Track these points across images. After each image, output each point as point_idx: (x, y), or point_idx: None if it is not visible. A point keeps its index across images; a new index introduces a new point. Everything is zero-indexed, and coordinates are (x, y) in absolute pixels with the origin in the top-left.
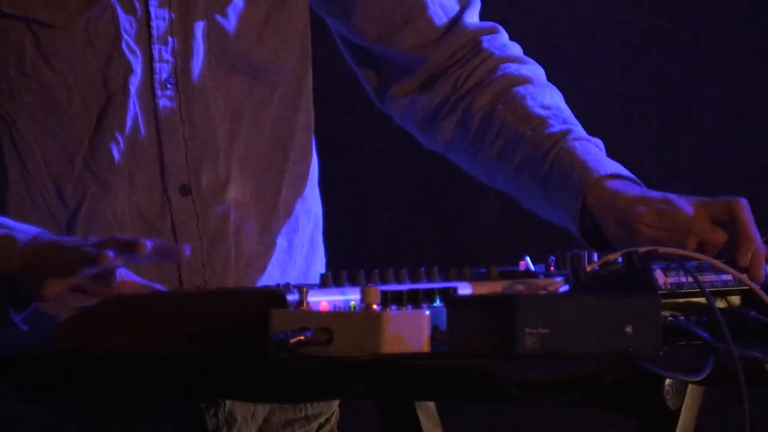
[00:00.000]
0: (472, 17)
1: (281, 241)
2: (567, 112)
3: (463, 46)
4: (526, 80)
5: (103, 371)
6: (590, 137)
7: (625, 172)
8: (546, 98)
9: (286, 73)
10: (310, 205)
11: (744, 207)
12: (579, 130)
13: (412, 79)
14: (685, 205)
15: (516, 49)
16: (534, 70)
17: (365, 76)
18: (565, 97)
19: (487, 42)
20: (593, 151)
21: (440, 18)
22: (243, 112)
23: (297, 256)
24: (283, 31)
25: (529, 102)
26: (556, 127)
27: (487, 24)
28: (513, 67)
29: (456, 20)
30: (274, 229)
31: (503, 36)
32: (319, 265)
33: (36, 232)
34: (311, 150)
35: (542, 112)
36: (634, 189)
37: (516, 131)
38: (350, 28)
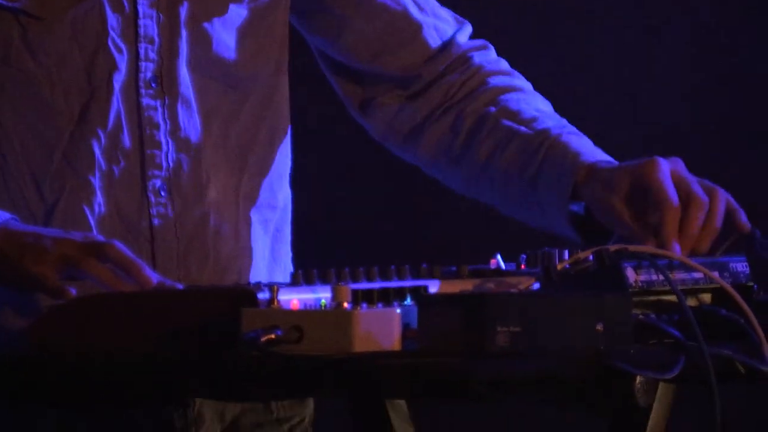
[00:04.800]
0: (464, 38)
1: (264, 240)
2: (559, 116)
3: (454, 61)
4: (517, 89)
5: (72, 370)
6: (583, 135)
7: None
8: (538, 104)
9: (261, 81)
10: (285, 200)
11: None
12: (573, 128)
13: (404, 91)
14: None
15: (505, 64)
16: (523, 83)
17: (347, 91)
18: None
19: (477, 57)
20: (588, 145)
21: (434, 40)
22: (217, 116)
23: (276, 254)
24: (261, 41)
25: (523, 105)
26: (550, 123)
27: (478, 42)
28: (503, 79)
29: (449, 42)
30: (255, 231)
31: (492, 52)
32: (287, 259)
33: (7, 217)
34: (288, 151)
35: (535, 113)
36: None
37: (509, 128)
38: (340, 49)
